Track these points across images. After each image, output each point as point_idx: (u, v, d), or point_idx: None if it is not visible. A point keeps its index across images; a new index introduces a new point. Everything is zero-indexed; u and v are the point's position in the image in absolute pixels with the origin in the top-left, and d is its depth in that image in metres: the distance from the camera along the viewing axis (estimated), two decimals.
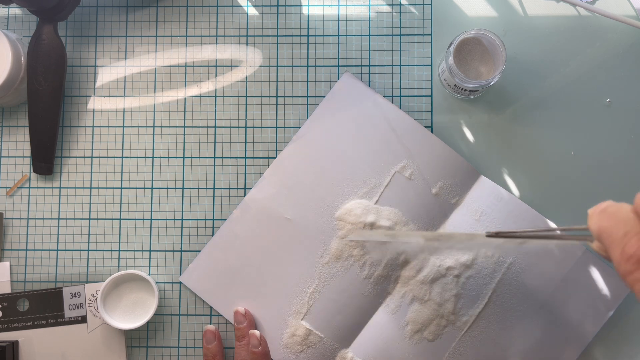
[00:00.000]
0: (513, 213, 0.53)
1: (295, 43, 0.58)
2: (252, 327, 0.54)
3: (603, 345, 0.54)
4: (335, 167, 0.55)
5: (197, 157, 0.57)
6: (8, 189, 0.58)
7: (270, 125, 0.57)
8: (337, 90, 0.56)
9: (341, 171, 0.55)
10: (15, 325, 0.55)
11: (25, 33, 0.59)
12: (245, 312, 0.54)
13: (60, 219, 0.57)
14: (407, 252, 0.51)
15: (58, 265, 0.57)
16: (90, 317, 0.55)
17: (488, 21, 0.57)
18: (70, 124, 0.58)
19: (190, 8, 0.58)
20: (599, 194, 0.55)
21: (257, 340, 0.52)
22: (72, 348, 0.55)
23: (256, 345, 0.52)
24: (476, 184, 0.54)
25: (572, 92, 0.56)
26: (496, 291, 0.53)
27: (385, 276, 0.54)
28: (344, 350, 0.54)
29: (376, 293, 0.54)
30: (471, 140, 0.56)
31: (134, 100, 0.58)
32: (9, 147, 0.58)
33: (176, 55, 0.58)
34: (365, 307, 0.54)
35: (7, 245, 0.57)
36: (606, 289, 0.52)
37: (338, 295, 0.54)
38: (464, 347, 0.53)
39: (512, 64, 0.56)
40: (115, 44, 0.58)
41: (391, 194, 0.54)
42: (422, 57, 0.57)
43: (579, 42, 0.56)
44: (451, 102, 0.56)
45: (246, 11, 0.58)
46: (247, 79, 0.58)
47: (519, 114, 0.56)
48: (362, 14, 0.58)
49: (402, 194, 0.54)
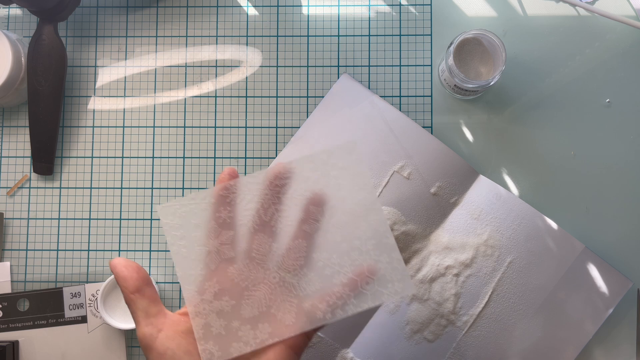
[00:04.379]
0: (512, 211, 0.54)
1: (295, 43, 0.58)
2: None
3: (603, 345, 0.53)
4: None
5: (197, 157, 0.57)
6: (8, 189, 0.58)
7: (270, 125, 0.57)
8: (336, 91, 0.56)
9: None
10: (16, 325, 0.56)
11: (26, 33, 0.59)
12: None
13: (61, 219, 0.57)
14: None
15: (58, 265, 0.57)
16: (90, 317, 0.55)
17: (488, 21, 0.57)
18: (71, 124, 0.58)
19: (190, 8, 0.58)
20: (598, 194, 0.55)
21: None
22: (72, 348, 0.55)
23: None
24: (475, 183, 0.54)
25: (572, 92, 0.56)
26: (496, 290, 0.53)
27: None
28: (344, 350, 0.53)
29: None
30: (471, 140, 0.56)
31: (134, 101, 0.58)
32: (9, 147, 0.58)
33: (176, 55, 0.58)
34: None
35: (7, 245, 0.57)
36: (605, 287, 0.52)
37: None
38: (465, 347, 0.53)
39: (512, 64, 0.56)
40: (115, 44, 0.59)
41: (390, 193, 0.54)
42: (422, 58, 0.57)
43: (578, 42, 0.56)
44: (451, 103, 0.56)
45: (246, 11, 0.58)
46: (247, 79, 0.58)
47: (518, 114, 0.56)
48: (362, 14, 0.58)
49: (400, 193, 0.54)
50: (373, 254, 0.41)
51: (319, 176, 0.42)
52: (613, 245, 0.54)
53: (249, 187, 0.41)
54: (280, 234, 0.41)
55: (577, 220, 0.55)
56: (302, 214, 0.41)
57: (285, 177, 0.41)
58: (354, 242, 0.41)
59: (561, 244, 0.53)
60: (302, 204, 0.42)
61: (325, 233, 0.41)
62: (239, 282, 0.41)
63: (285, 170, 0.41)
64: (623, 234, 0.55)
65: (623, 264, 0.54)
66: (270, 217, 0.41)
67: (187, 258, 0.41)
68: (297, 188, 0.42)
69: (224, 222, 0.41)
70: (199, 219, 0.41)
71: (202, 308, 0.40)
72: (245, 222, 0.41)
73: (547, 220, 0.53)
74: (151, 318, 0.40)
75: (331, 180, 0.42)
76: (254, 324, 0.40)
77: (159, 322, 0.40)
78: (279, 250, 0.41)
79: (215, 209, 0.41)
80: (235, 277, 0.41)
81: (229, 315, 0.40)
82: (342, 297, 0.40)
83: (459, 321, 0.53)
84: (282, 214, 0.42)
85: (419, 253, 0.54)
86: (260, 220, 0.41)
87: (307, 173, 0.42)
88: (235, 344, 0.40)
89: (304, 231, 0.41)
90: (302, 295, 0.41)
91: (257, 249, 0.41)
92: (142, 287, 0.41)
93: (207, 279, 0.41)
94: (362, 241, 0.41)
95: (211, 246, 0.41)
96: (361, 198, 0.42)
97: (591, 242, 0.54)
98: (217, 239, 0.41)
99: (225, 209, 0.41)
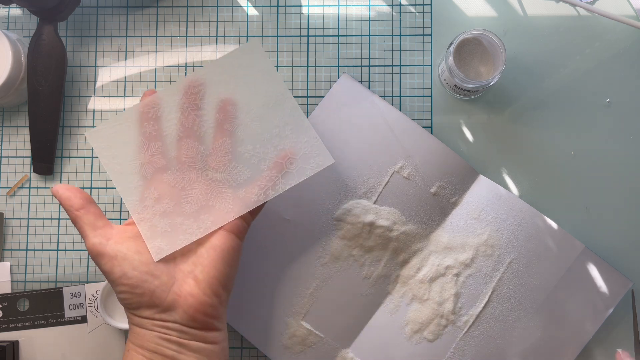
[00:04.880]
0: (512, 211, 0.53)
1: (295, 43, 0.58)
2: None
3: (603, 345, 0.53)
4: (334, 167, 0.55)
5: None
6: (8, 189, 0.58)
7: None
8: (335, 91, 0.56)
9: (340, 171, 0.55)
10: (16, 325, 0.56)
11: (26, 33, 0.59)
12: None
13: (61, 219, 0.57)
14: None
15: (58, 265, 0.57)
16: (91, 317, 0.55)
17: (488, 21, 0.57)
18: (71, 124, 0.58)
19: (190, 8, 0.58)
20: (598, 194, 0.55)
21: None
22: (72, 348, 0.55)
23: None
24: (475, 183, 0.54)
25: (571, 92, 0.56)
26: (496, 290, 0.53)
27: (384, 276, 0.54)
28: (344, 351, 0.53)
29: (376, 293, 0.54)
30: (471, 140, 0.56)
31: (134, 101, 0.58)
32: (9, 147, 0.58)
33: (176, 55, 0.58)
34: (365, 307, 0.54)
35: (7, 245, 0.57)
36: (605, 287, 0.52)
37: (338, 295, 0.54)
38: (465, 347, 0.53)
39: (512, 64, 0.56)
40: (115, 44, 0.59)
41: (390, 193, 0.54)
42: (422, 57, 0.57)
43: (578, 42, 0.56)
44: (451, 102, 0.56)
45: (246, 11, 0.58)
46: None
47: (518, 114, 0.56)
48: (362, 14, 0.58)
49: (400, 193, 0.54)
50: (292, 137, 0.45)
51: (229, 78, 0.46)
52: (613, 245, 0.54)
53: (167, 100, 0.45)
54: (204, 136, 0.45)
55: (577, 220, 0.55)
56: (221, 115, 0.45)
57: (198, 85, 0.45)
58: (272, 130, 0.46)
59: (561, 244, 0.53)
60: (219, 106, 0.45)
61: (245, 128, 0.45)
62: (175, 185, 0.45)
63: (197, 77, 0.45)
64: (623, 234, 0.55)
65: (623, 264, 0.54)
66: (192, 123, 0.45)
67: (123, 173, 0.45)
68: (210, 92, 0.45)
69: (150, 135, 0.45)
70: (127, 137, 0.45)
71: (145, 214, 0.44)
72: (170, 132, 0.45)
73: (547, 220, 0.53)
74: (98, 230, 0.43)
75: (240, 79, 0.46)
76: (196, 217, 0.44)
77: (107, 233, 0.43)
78: (206, 151, 0.45)
79: (140, 125, 0.45)
80: (171, 182, 0.45)
81: (172, 214, 0.44)
82: (271, 179, 0.45)
83: (459, 321, 0.53)
84: (203, 119, 0.45)
85: (419, 253, 0.54)
86: (184, 127, 0.45)
87: (217, 77, 0.45)
88: (181, 236, 0.44)
89: (226, 129, 0.45)
90: (235, 185, 0.45)
91: (185, 154, 0.45)
92: (86, 205, 0.44)
93: (146, 188, 0.45)
94: (280, 128, 0.46)
95: (143, 159, 0.45)
96: (271, 90, 0.46)
97: (591, 242, 0.54)
98: (147, 152, 0.45)
99: (149, 124, 0.45)
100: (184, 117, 0.45)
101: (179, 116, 0.45)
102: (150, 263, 0.43)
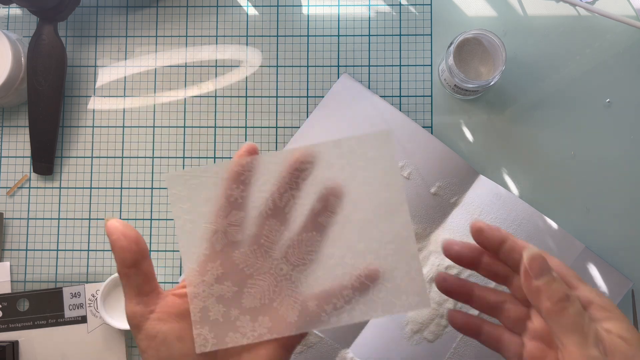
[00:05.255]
0: (512, 211, 0.53)
1: (295, 43, 0.58)
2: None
3: None
4: None
5: (197, 157, 0.57)
6: (8, 189, 0.58)
7: (270, 125, 0.57)
8: (335, 91, 0.56)
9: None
10: (15, 325, 0.55)
11: (25, 33, 0.59)
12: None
13: (60, 219, 0.57)
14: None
15: (58, 265, 0.57)
16: (90, 317, 0.55)
17: (488, 21, 0.57)
18: (70, 124, 0.58)
19: (190, 8, 0.58)
20: (598, 194, 0.55)
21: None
22: (72, 348, 0.55)
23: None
24: (475, 183, 0.54)
25: (572, 92, 0.56)
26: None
27: None
28: (344, 351, 0.53)
29: None
30: (471, 140, 0.56)
31: (134, 101, 0.58)
32: (9, 147, 0.58)
33: (176, 55, 0.58)
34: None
35: (7, 245, 0.57)
36: (605, 287, 0.52)
37: None
38: (465, 348, 0.53)
39: (512, 64, 0.56)
40: (115, 44, 0.59)
41: None
42: (422, 57, 0.57)
43: (578, 42, 0.56)
44: (451, 102, 0.56)
45: (246, 11, 0.58)
46: (247, 79, 0.58)
47: (518, 114, 0.56)
48: (362, 14, 0.58)
49: None
50: (392, 260, 0.37)
51: (345, 165, 0.38)
52: (613, 245, 0.54)
53: (266, 167, 0.38)
54: (293, 222, 0.38)
55: (577, 220, 0.55)
56: (320, 204, 0.38)
57: (308, 162, 0.38)
58: (372, 243, 0.38)
59: (561, 244, 0.53)
60: (321, 193, 0.38)
61: (341, 228, 0.38)
62: (243, 268, 0.38)
63: (309, 154, 0.38)
64: (623, 234, 0.55)
65: (623, 264, 0.54)
66: (285, 203, 0.38)
67: (192, 234, 0.38)
68: (318, 175, 0.38)
69: (235, 201, 0.38)
70: (209, 194, 0.38)
71: (201, 290, 0.37)
72: (258, 204, 0.38)
73: (547, 220, 0.53)
74: (143, 296, 0.37)
75: (357, 171, 0.38)
76: (254, 315, 0.38)
77: (151, 302, 0.37)
78: (289, 241, 0.38)
79: (227, 185, 0.37)
80: (240, 263, 0.38)
81: (229, 302, 0.38)
82: (351, 301, 0.37)
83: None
84: (298, 202, 0.38)
85: (419, 253, 0.54)
86: (274, 204, 0.38)
87: (331, 159, 0.38)
88: (231, 334, 0.37)
89: (319, 223, 0.38)
90: (308, 292, 0.38)
91: (267, 236, 0.38)
92: (139, 262, 0.37)
93: (211, 260, 0.38)
94: (381, 244, 0.38)
95: (219, 225, 0.38)
96: (387, 196, 0.38)
97: (591, 242, 0.54)
98: (225, 219, 0.38)
99: (238, 187, 0.38)
100: (279, 193, 0.38)
101: (274, 191, 0.38)
102: (190, 355, 0.37)
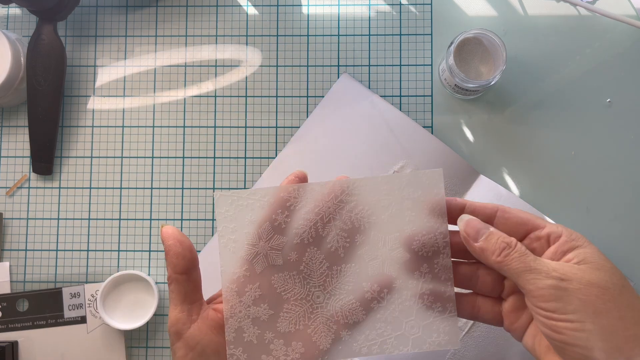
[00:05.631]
0: None
1: (295, 43, 0.58)
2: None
3: None
4: (334, 167, 0.55)
5: (197, 157, 0.57)
6: (8, 189, 0.58)
7: (270, 125, 0.57)
8: (336, 91, 0.56)
9: (340, 171, 0.54)
10: (15, 325, 0.55)
11: (25, 33, 0.59)
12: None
13: (60, 219, 0.57)
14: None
15: (58, 265, 0.57)
16: (90, 317, 0.55)
17: (488, 21, 0.57)
18: (70, 124, 0.58)
19: (190, 8, 0.58)
20: (598, 194, 0.55)
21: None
22: (71, 348, 0.55)
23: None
24: (475, 182, 0.54)
25: (572, 92, 0.56)
26: None
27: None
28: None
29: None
30: (471, 140, 0.56)
31: (134, 100, 0.58)
32: (9, 147, 0.58)
33: (176, 55, 0.58)
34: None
35: (6, 245, 0.57)
36: None
37: None
38: (465, 348, 0.53)
39: (512, 64, 0.56)
40: (115, 44, 0.58)
41: None
42: (422, 57, 0.57)
43: (579, 42, 0.56)
44: (451, 102, 0.56)
45: (246, 11, 0.58)
46: (247, 79, 0.58)
47: (519, 114, 0.56)
48: (362, 14, 0.58)
49: None
50: (427, 299, 0.39)
51: (390, 202, 0.39)
52: (613, 245, 0.54)
53: (312, 196, 0.39)
54: (334, 252, 0.39)
55: (577, 220, 0.55)
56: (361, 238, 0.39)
57: (354, 194, 0.39)
58: (410, 282, 0.39)
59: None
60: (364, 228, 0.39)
61: (381, 264, 0.39)
62: (281, 292, 0.39)
63: (355, 187, 0.39)
64: (623, 234, 0.55)
65: (623, 264, 0.54)
66: (326, 233, 0.39)
67: (234, 254, 0.39)
68: (362, 209, 0.39)
69: (278, 226, 0.39)
70: (255, 216, 0.39)
71: (238, 310, 0.38)
72: (301, 231, 0.39)
73: (547, 220, 0.53)
74: (188, 304, 0.38)
75: (404, 212, 0.39)
76: (288, 340, 0.38)
77: (195, 311, 0.38)
78: (328, 270, 0.39)
79: (273, 210, 0.39)
80: (279, 287, 0.39)
81: (264, 325, 0.39)
82: (383, 334, 0.38)
83: (460, 321, 0.53)
84: (341, 233, 0.39)
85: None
86: (317, 233, 0.39)
87: (378, 195, 0.39)
88: (264, 357, 0.38)
89: (359, 256, 0.39)
90: (342, 324, 0.39)
91: (306, 263, 0.39)
92: (190, 270, 0.38)
93: (250, 282, 0.39)
94: (419, 283, 0.39)
95: (261, 248, 0.39)
96: (430, 237, 0.39)
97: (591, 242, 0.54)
98: (268, 242, 0.39)
99: (283, 213, 0.39)
100: (322, 223, 0.39)
101: (317, 220, 0.39)
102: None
